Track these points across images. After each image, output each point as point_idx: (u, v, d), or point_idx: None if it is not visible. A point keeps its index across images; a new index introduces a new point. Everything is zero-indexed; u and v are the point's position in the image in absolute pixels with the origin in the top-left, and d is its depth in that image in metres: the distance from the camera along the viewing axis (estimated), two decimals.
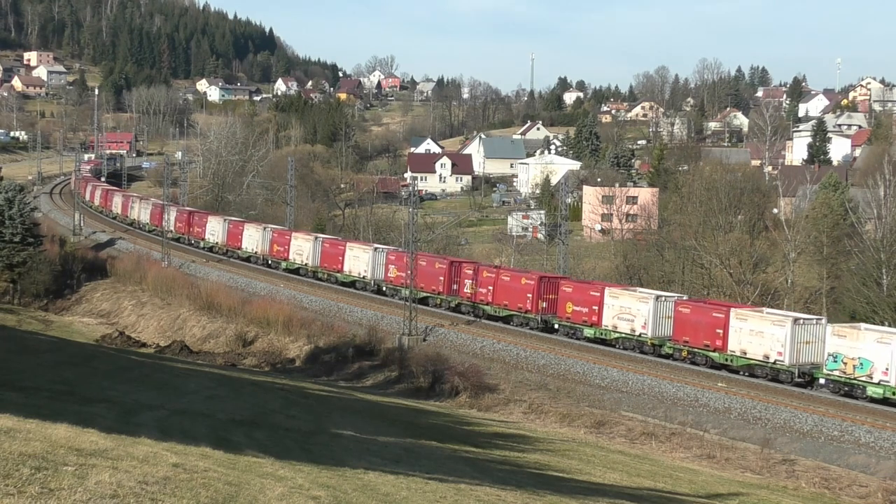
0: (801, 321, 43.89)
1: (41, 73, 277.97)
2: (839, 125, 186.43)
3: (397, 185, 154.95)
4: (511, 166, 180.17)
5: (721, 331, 44.92)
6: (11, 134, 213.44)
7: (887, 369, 38.75)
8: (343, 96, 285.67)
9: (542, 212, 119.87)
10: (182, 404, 28.56)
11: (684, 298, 50.20)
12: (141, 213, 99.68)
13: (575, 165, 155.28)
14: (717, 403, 40.85)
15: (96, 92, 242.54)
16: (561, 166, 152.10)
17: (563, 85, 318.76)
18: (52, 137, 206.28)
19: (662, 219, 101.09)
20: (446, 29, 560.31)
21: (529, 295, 53.61)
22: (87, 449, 12.69)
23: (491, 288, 55.71)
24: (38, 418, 14.96)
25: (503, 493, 17.58)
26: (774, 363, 43.25)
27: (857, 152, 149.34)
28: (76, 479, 10.57)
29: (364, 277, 64.74)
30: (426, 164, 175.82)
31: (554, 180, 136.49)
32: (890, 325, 51.17)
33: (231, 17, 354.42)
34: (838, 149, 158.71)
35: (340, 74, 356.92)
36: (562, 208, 73.71)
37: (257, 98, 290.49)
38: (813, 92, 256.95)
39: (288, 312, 58.11)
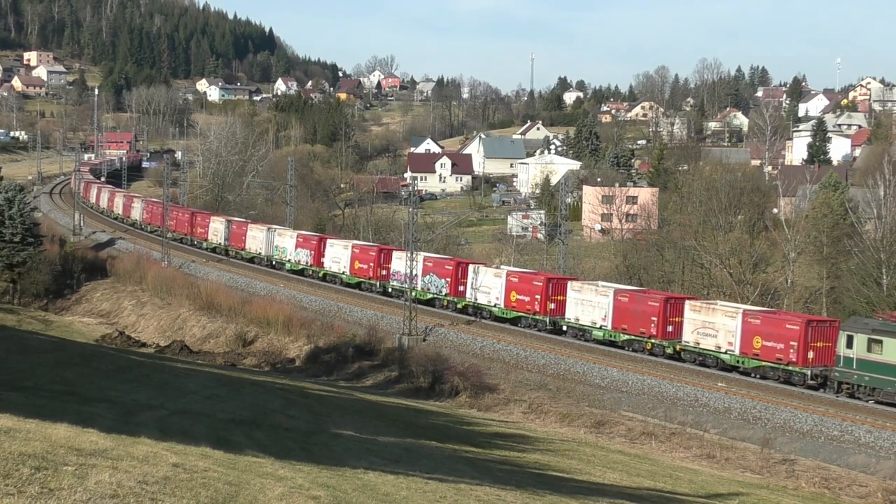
0: (273, 229, 77.10)
1: (41, 73, 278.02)
2: (839, 125, 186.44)
3: (397, 184, 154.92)
4: (511, 166, 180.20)
5: (244, 237, 79.09)
6: (11, 134, 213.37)
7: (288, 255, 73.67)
8: (343, 96, 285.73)
9: (542, 212, 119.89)
10: (182, 404, 28.55)
11: (239, 219, 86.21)
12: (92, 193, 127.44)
13: (575, 165, 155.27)
14: (717, 403, 40.84)
15: (96, 92, 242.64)
16: (561, 166, 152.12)
17: (563, 85, 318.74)
18: (52, 137, 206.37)
19: (662, 219, 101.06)
20: (446, 29, 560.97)
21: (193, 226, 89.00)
22: (87, 449, 12.69)
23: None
24: (38, 418, 14.96)
25: (503, 493, 17.58)
26: (260, 255, 76.77)
27: (857, 152, 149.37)
28: (76, 479, 10.57)
29: (135, 219, 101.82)
30: (426, 164, 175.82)
31: (554, 180, 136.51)
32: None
33: (231, 16, 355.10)
34: (838, 149, 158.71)
35: (340, 74, 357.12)
36: (562, 208, 73.71)
37: (257, 98, 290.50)
38: (813, 92, 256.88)
39: (288, 312, 58.12)
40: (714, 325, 45.36)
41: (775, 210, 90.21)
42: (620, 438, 38.21)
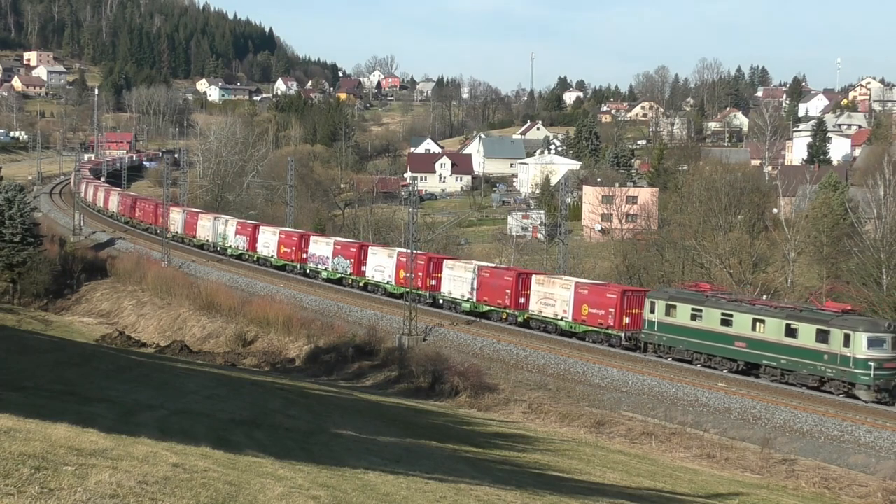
0: (218, 218, 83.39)
1: (41, 73, 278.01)
2: (839, 125, 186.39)
3: (397, 184, 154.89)
4: (511, 166, 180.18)
5: (196, 226, 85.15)
6: (11, 134, 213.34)
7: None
8: (343, 96, 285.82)
9: (542, 212, 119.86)
10: (182, 404, 28.55)
11: (193, 209, 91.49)
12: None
13: (575, 165, 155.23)
14: (717, 403, 40.84)
15: (96, 92, 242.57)
16: (561, 166, 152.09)
17: (563, 85, 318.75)
18: (52, 137, 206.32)
19: (662, 219, 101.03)
20: (446, 29, 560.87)
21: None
22: (87, 449, 12.69)
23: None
24: (38, 418, 14.96)
25: (503, 493, 17.58)
26: (208, 242, 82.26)
27: (857, 152, 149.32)
28: (76, 479, 10.57)
29: (112, 211, 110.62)
30: (426, 163, 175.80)
31: (554, 180, 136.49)
32: None
33: (231, 16, 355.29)
34: (838, 149, 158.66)
35: (340, 74, 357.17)
36: (562, 208, 73.70)
37: (257, 98, 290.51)
38: (813, 92, 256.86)
39: (288, 312, 58.08)
40: (553, 295, 51.61)
41: (775, 210, 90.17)
42: (620, 438, 38.20)
